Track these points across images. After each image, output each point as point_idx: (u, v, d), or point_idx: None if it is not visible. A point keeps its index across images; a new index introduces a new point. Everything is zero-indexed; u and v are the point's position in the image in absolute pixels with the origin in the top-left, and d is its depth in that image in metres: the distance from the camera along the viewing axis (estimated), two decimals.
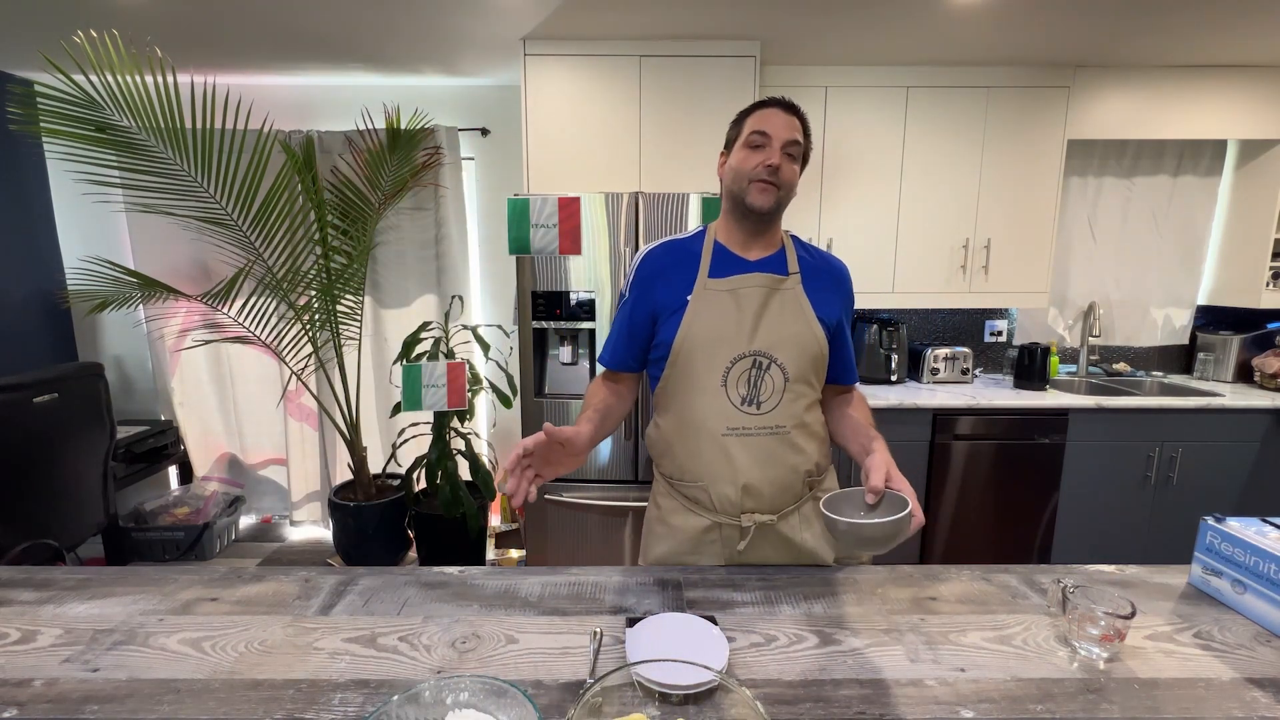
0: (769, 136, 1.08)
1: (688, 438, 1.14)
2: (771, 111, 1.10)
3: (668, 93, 2.44)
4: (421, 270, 3.06)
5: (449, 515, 2.53)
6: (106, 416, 2.31)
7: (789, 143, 1.08)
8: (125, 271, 2.46)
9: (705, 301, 1.12)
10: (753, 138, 1.09)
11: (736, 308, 1.11)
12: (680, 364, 1.13)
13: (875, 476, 0.91)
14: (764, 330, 1.11)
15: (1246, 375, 2.84)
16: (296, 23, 2.26)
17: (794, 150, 1.09)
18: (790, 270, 1.15)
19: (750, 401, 1.10)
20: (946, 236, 2.74)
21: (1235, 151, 2.93)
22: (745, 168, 1.10)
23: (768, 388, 1.10)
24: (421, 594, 1.01)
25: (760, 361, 1.10)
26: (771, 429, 1.10)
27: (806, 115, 1.14)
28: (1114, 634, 0.82)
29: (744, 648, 0.87)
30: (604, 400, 1.17)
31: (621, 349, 1.20)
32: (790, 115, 1.10)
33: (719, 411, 1.10)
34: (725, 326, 1.11)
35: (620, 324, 1.21)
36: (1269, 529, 0.95)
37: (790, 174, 1.10)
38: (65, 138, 2.07)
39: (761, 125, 1.09)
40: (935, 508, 2.58)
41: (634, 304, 1.18)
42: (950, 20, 2.21)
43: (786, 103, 1.12)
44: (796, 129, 1.10)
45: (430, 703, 0.65)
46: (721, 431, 1.10)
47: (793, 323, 1.12)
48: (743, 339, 1.10)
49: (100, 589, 1.02)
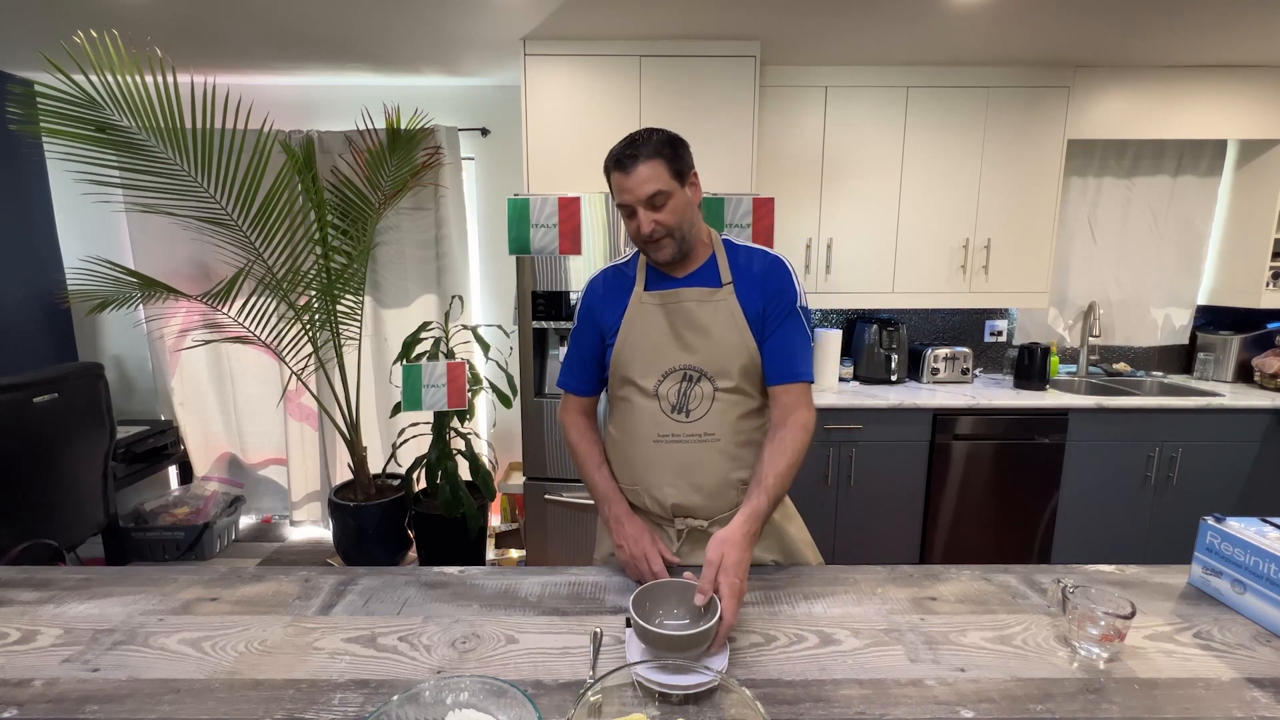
0: (628, 205, 1.07)
1: (625, 443, 1.17)
2: (617, 177, 1.07)
3: (668, 93, 2.44)
4: (421, 270, 3.06)
5: (449, 515, 2.53)
6: (106, 416, 2.31)
7: (650, 196, 1.04)
8: (125, 271, 2.46)
9: (639, 313, 1.15)
10: (620, 210, 1.09)
11: (668, 321, 1.13)
12: (619, 374, 1.17)
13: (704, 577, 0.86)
14: (694, 344, 1.12)
15: (1246, 375, 2.84)
16: (296, 23, 2.26)
17: (659, 199, 1.05)
18: (724, 280, 1.14)
19: (679, 409, 1.12)
20: (946, 236, 2.74)
21: (1235, 151, 2.93)
22: (631, 235, 1.11)
23: (696, 396, 1.12)
24: (421, 594, 1.01)
25: (690, 375, 1.12)
26: (699, 436, 1.12)
27: (654, 138, 1.06)
28: (1114, 634, 0.82)
29: (744, 648, 0.87)
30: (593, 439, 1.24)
31: (579, 372, 1.24)
32: (632, 170, 1.04)
33: (651, 418, 1.13)
34: (658, 338, 1.13)
35: (574, 350, 1.25)
36: (1269, 529, 0.95)
37: (669, 217, 1.06)
38: (65, 138, 2.07)
39: (618, 197, 1.08)
40: (935, 508, 2.58)
41: (583, 330, 1.22)
42: (950, 20, 2.21)
43: (624, 158, 1.05)
44: (646, 180, 1.04)
45: (430, 703, 0.65)
46: (653, 438, 1.13)
47: (723, 334, 1.11)
48: (674, 353, 1.12)
49: (100, 589, 1.02)
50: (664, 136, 1.08)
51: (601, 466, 1.21)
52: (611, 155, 1.08)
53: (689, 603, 0.88)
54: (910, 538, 2.61)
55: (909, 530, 2.60)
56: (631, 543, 1.07)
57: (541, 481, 2.38)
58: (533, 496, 2.38)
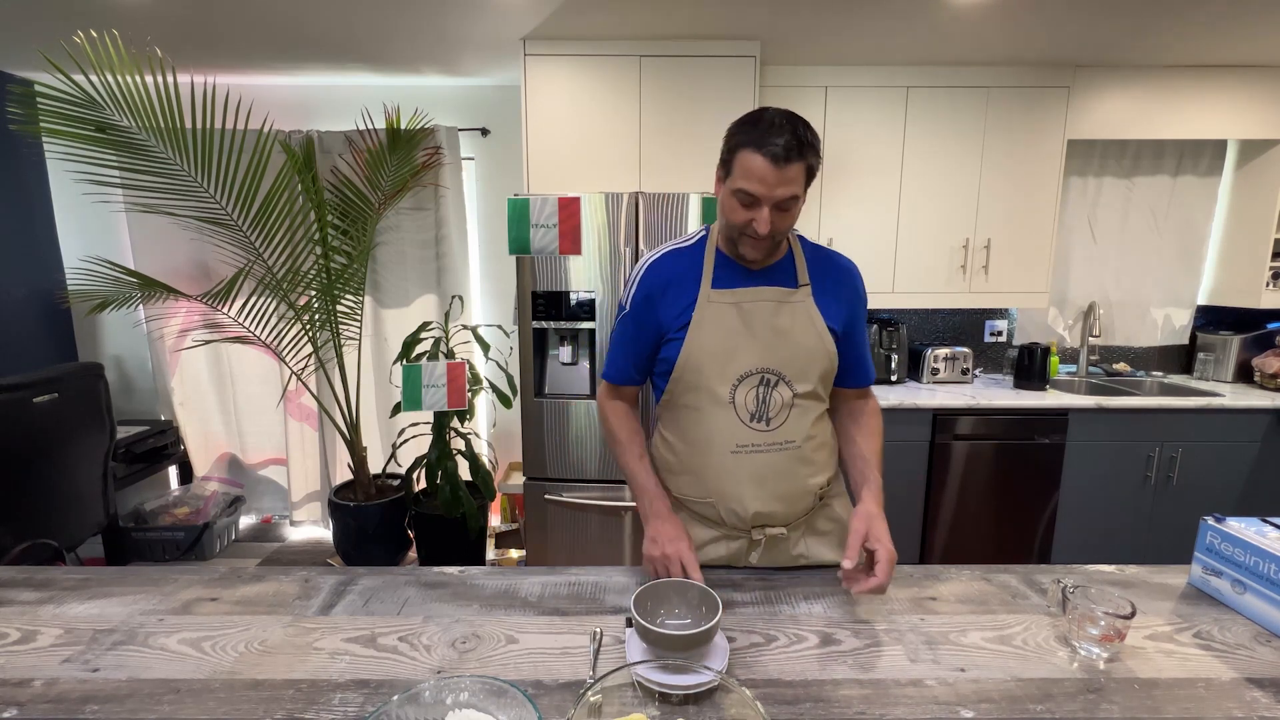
0: (757, 198, 0.95)
1: (695, 455, 1.10)
2: (762, 165, 0.93)
3: (668, 93, 2.44)
4: (421, 270, 3.06)
5: (449, 515, 2.53)
6: (106, 416, 2.31)
7: (783, 200, 0.95)
8: (125, 271, 2.46)
9: (710, 315, 1.06)
10: (739, 195, 0.97)
11: (743, 322, 1.06)
12: (686, 380, 1.08)
13: (851, 545, 0.95)
14: (773, 346, 1.05)
15: (1246, 375, 2.84)
16: (296, 23, 2.26)
17: (789, 203, 0.96)
18: (801, 281, 1.08)
19: (759, 418, 1.06)
20: (946, 236, 2.74)
21: (1235, 151, 2.93)
22: (735, 221, 1.00)
23: (776, 403, 1.06)
24: (421, 594, 1.01)
25: (768, 379, 1.05)
26: (781, 445, 1.06)
27: (811, 140, 0.95)
28: (1114, 634, 0.82)
29: (744, 648, 0.87)
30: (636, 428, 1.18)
31: (627, 364, 1.16)
32: (785, 168, 0.93)
33: (727, 428, 1.06)
34: (731, 341, 1.05)
35: (622, 337, 1.15)
36: (1269, 529, 0.95)
37: (787, 222, 0.99)
38: (65, 138, 2.07)
39: (749, 184, 0.94)
40: (935, 508, 2.58)
41: (636, 319, 1.12)
42: (950, 20, 2.21)
43: (783, 150, 0.92)
44: (792, 181, 0.94)
45: (430, 703, 0.65)
46: (731, 449, 1.06)
47: (803, 337, 1.06)
48: (750, 355, 1.05)
49: (100, 589, 1.02)
50: (814, 136, 0.96)
51: (643, 458, 1.14)
52: (758, 135, 0.93)
53: (689, 602, 0.88)
54: (910, 538, 2.61)
55: (909, 530, 2.60)
56: (668, 542, 1.01)
57: (541, 481, 2.38)
58: (533, 496, 2.38)
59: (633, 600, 0.84)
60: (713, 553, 1.14)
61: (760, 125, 0.94)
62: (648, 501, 1.09)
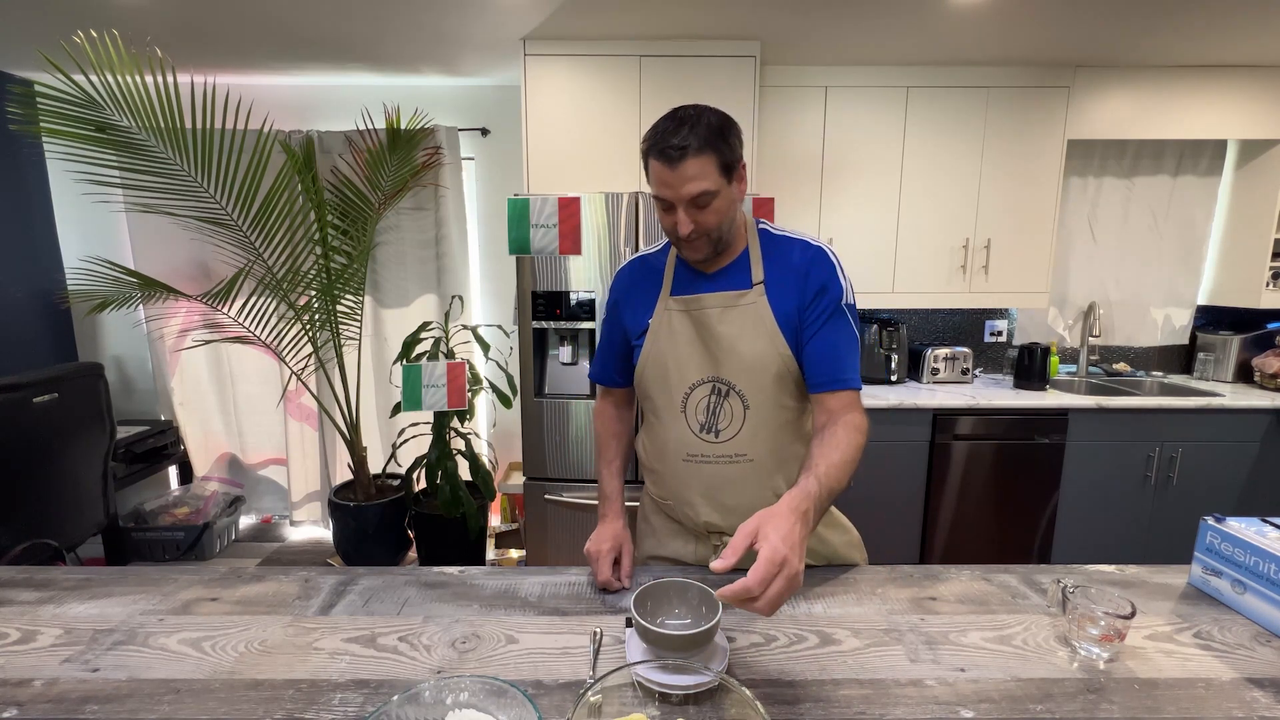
0: (667, 201, 0.95)
1: (655, 458, 1.15)
2: (659, 168, 0.93)
3: (668, 93, 2.44)
4: (421, 270, 3.06)
5: (449, 515, 2.53)
6: (106, 416, 2.31)
7: (696, 196, 0.92)
8: (125, 271, 2.46)
9: (664, 323, 1.07)
10: (657, 201, 0.97)
11: (694, 330, 1.05)
12: (643, 387, 1.12)
13: (732, 544, 0.73)
14: (722, 354, 1.03)
15: (1246, 375, 2.84)
16: (296, 23, 2.26)
17: (704, 199, 0.93)
18: (754, 280, 1.03)
19: (708, 429, 1.05)
20: (946, 236, 2.74)
21: (1235, 151, 2.93)
22: (664, 227, 1.00)
23: (726, 415, 1.04)
24: (421, 594, 1.00)
25: (719, 388, 1.04)
26: (730, 457, 1.05)
27: (711, 132, 0.91)
28: (1114, 634, 0.82)
29: (744, 648, 0.87)
30: (616, 432, 1.22)
31: (608, 366, 1.22)
32: (680, 166, 0.90)
33: (679, 437, 1.08)
34: (682, 350, 1.05)
35: (602, 341, 1.22)
36: (1269, 529, 0.95)
37: (712, 218, 0.96)
38: (65, 138, 2.07)
39: (656, 189, 0.95)
40: (935, 508, 2.58)
41: (609, 323, 1.19)
42: (950, 20, 2.21)
43: (675, 149, 0.90)
44: (695, 177, 0.91)
45: (430, 703, 0.65)
46: (682, 457, 1.09)
47: (751, 343, 1.01)
48: (701, 364, 1.04)
49: (100, 589, 1.02)
50: (716, 121, 0.93)
51: (611, 463, 1.20)
52: (654, 139, 0.93)
53: (690, 603, 0.88)
54: (910, 538, 2.61)
55: (909, 530, 2.60)
56: (592, 543, 1.07)
57: (541, 481, 2.38)
58: (533, 496, 2.39)
59: (633, 600, 0.84)
60: (675, 549, 1.18)
61: (657, 129, 0.94)
62: (601, 503, 1.18)
